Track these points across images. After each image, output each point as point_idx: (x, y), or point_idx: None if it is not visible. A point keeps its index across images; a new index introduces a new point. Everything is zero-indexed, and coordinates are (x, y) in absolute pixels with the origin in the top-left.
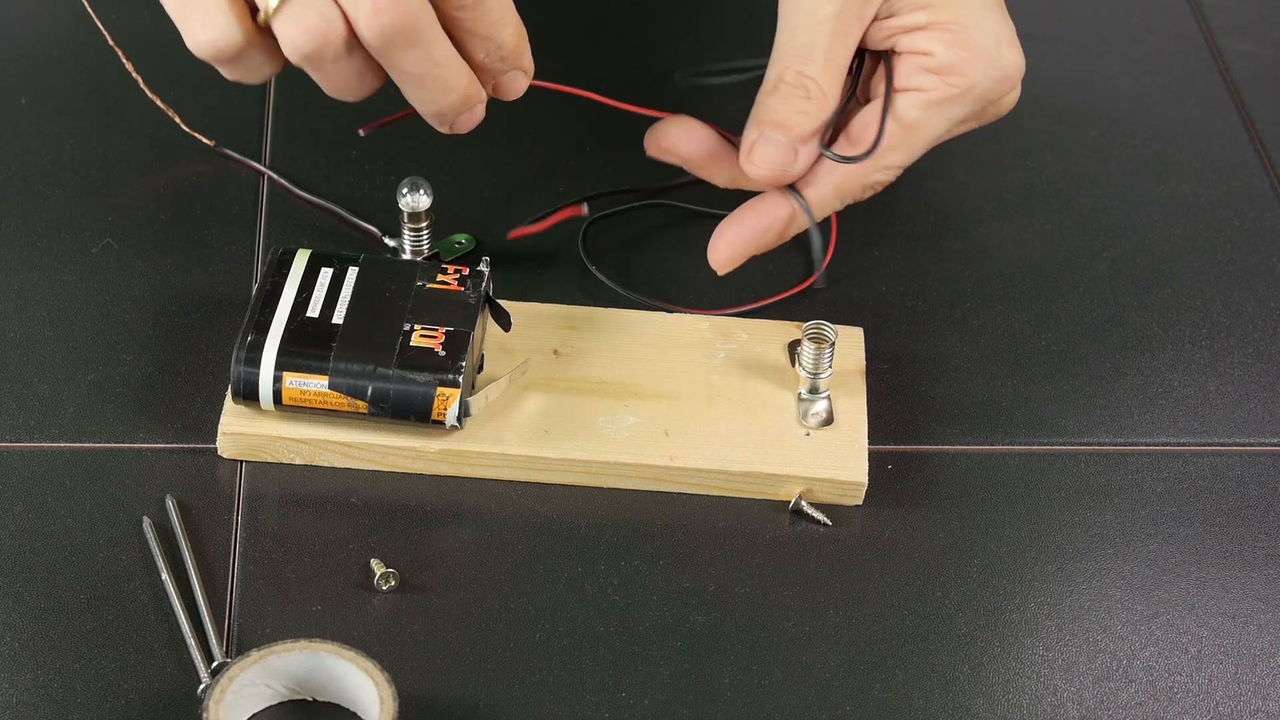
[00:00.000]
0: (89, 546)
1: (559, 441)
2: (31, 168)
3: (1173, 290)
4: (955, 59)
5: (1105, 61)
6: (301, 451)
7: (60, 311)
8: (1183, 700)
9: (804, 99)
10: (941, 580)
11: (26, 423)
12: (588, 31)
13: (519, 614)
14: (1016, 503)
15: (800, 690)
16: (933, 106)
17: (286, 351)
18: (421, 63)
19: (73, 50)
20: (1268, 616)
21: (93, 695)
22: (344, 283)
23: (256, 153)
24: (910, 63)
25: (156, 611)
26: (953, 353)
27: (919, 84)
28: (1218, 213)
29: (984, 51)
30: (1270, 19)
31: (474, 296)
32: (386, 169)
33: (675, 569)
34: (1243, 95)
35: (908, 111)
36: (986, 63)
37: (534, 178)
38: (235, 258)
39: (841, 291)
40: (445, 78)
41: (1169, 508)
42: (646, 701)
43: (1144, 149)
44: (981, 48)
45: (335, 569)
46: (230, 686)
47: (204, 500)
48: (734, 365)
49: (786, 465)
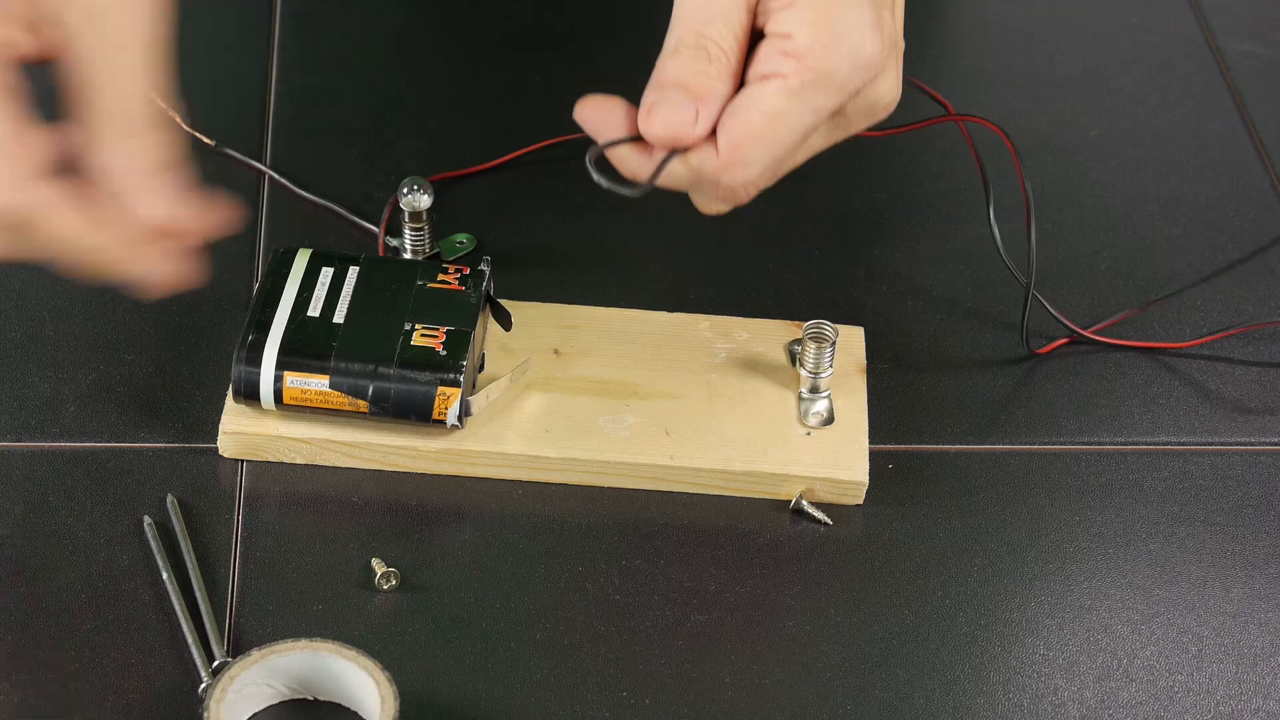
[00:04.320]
0: (89, 546)
1: (560, 441)
2: None
3: (1173, 290)
4: (813, 42)
5: (1105, 61)
6: (302, 451)
7: (60, 311)
8: (1183, 700)
9: (705, 60)
10: (941, 580)
11: (26, 423)
12: (597, 28)
13: (519, 613)
14: (1016, 503)
15: (800, 690)
16: (794, 95)
17: (287, 351)
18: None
19: None
20: (1268, 616)
21: (93, 695)
22: (345, 282)
23: (256, 153)
24: (772, 46)
25: (157, 611)
26: (953, 353)
27: (779, 69)
28: (1218, 213)
29: (843, 35)
30: (1270, 19)
31: (475, 296)
32: (386, 169)
33: (675, 569)
34: (1243, 95)
35: (768, 100)
36: (846, 47)
37: (535, 177)
38: (235, 258)
39: (842, 291)
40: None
41: (1169, 507)
42: (647, 701)
43: (1144, 149)
44: (841, 31)
45: (336, 568)
46: (231, 686)
47: (205, 500)
48: (734, 365)
49: (787, 465)
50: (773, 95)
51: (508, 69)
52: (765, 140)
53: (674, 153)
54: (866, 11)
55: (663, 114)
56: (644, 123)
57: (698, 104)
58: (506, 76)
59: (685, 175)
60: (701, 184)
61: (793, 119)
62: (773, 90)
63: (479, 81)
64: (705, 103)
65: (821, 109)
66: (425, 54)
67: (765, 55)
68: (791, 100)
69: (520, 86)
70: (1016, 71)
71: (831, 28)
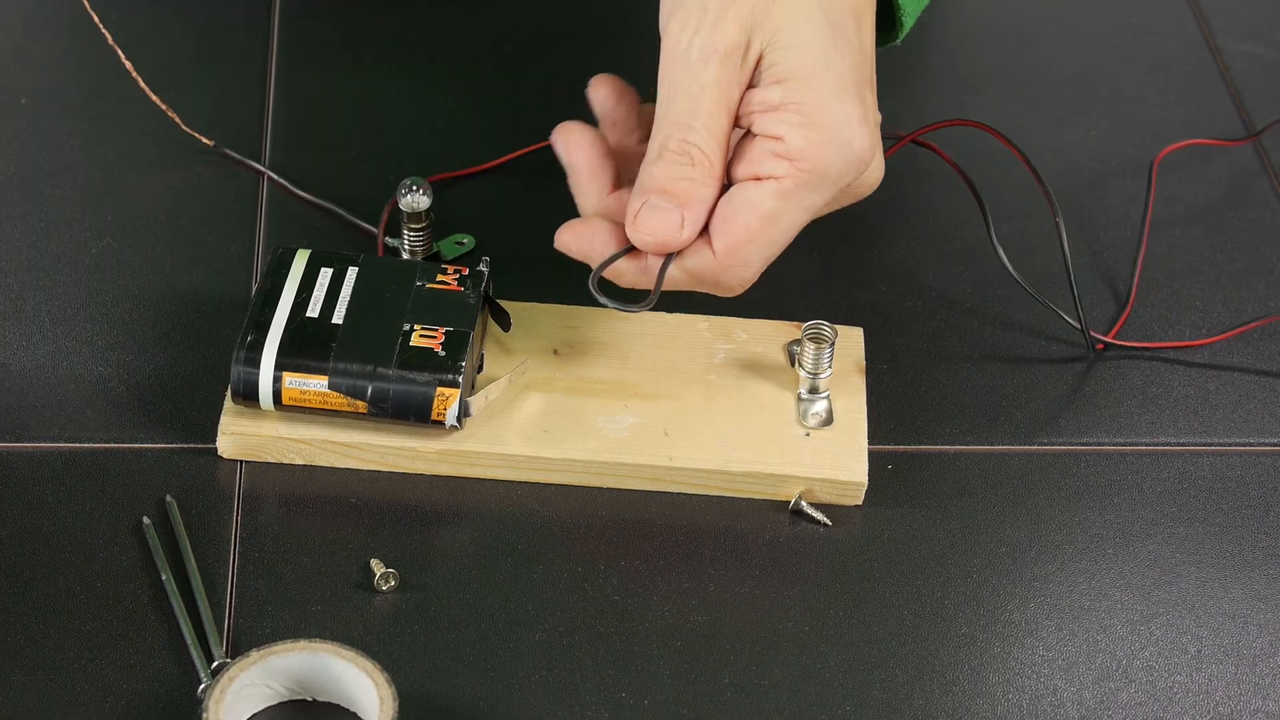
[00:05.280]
0: (89, 546)
1: (559, 441)
2: (31, 168)
3: (1173, 290)
4: (806, 144)
5: (1105, 61)
6: (301, 451)
7: (60, 311)
8: (1183, 700)
9: (689, 165)
10: (941, 580)
11: (26, 423)
12: (595, 32)
13: (519, 614)
14: (1016, 503)
15: (800, 690)
16: (788, 196)
17: (286, 351)
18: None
19: (73, 50)
20: (1268, 616)
21: (93, 695)
22: (344, 283)
23: (256, 153)
24: (763, 147)
25: (156, 611)
26: (953, 353)
27: (772, 170)
28: (1218, 213)
29: (834, 134)
30: (1270, 19)
31: (474, 296)
32: (386, 169)
33: (675, 569)
34: (1243, 95)
35: (764, 202)
36: (837, 146)
37: (535, 177)
38: (235, 258)
39: (841, 291)
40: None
41: (1169, 508)
42: (646, 701)
43: (1144, 149)
44: (831, 130)
45: (335, 569)
46: (230, 686)
47: (204, 500)
48: (733, 365)
49: (786, 465)
50: (768, 198)
51: (507, 69)
52: (761, 241)
53: (669, 258)
54: (854, 106)
55: (649, 221)
56: (631, 231)
57: (683, 210)
58: (506, 77)
59: (685, 279)
60: (701, 284)
61: (787, 219)
62: (767, 193)
63: (478, 82)
64: (690, 208)
65: (814, 206)
66: (425, 54)
67: (757, 157)
68: (785, 201)
69: (520, 87)
70: (1016, 72)
71: (823, 129)
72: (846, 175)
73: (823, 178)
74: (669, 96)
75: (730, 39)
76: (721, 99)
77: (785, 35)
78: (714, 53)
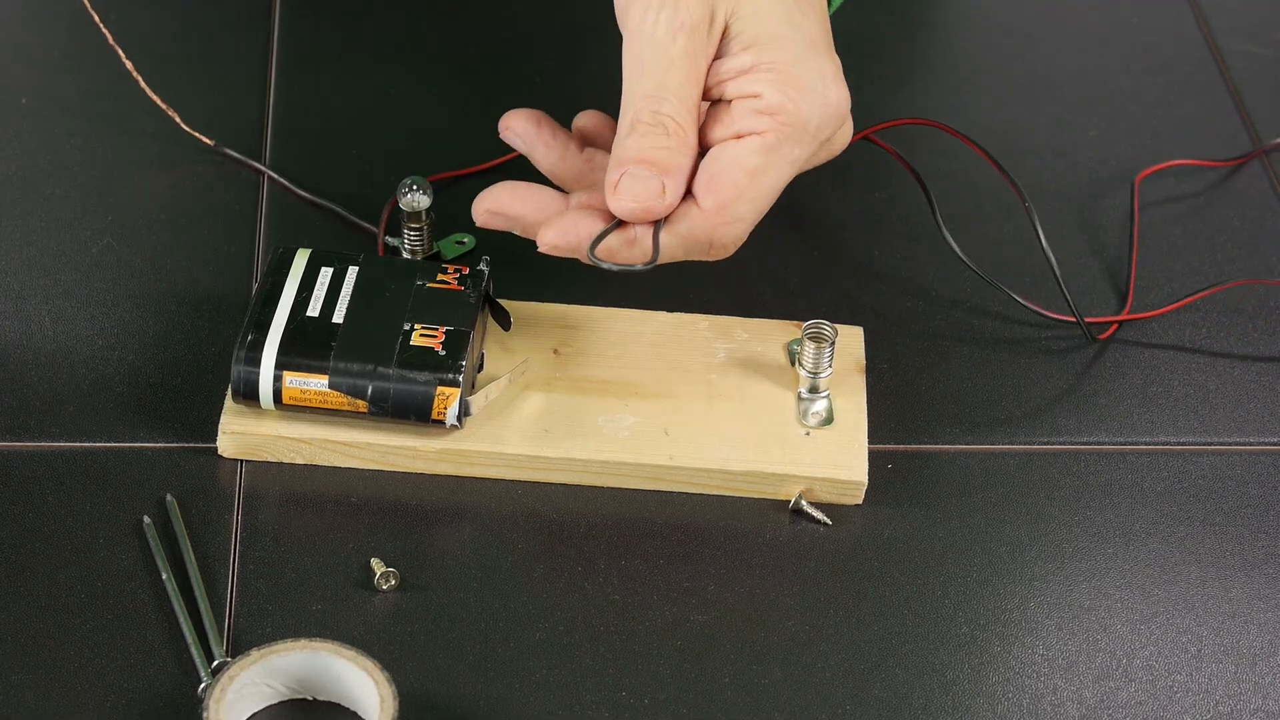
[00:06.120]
0: (89, 546)
1: (559, 441)
2: (31, 168)
3: (1173, 290)
4: (783, 98)
5: (1105, 61)
6: (302, 451)
7: (60, 311)
8: (1182, 699)
9: (663, 135)
10: (941, 580)
11: (26, 423)
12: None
13: (519, 613)
14: (1016, 503)
15: (800, 690)
16: (772, 150)
17: (286, 351)
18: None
19: (73, 50)
20: (1267, 616)
21: (93, 695)
22: (344, 282)
23: (256, 153)
24: (742, 107)
25: (156, 611)
26: (953, 353)
27: (754, 126)
28: (1218, 212)
29: (809, 88)
30: (1270, 19)
31: (474, 296)
32: (386, 169)
33: (675, 569)
34: (1243, 95)
35: (749, 158)
36: (815, 99)
37: (535, 177)
38: (235, 257)
39: (841, 291)
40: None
41: (1169, 507)
42: (646, 701)
43: (1144, 149)
44: (807, 84)
45: (335, 568)
46: (230, 686)
47: (204, 500)
48: (734, 365)
49: (787, 464)
50: (753, 153)
51: (507, 69)
52: (750, 196)
53: (659, 224)
54: (826, 62)
55: (630, 188)
56: (613, 201)
57: (663, 177)
58: (506, 76)
59: (679, 244)
60: (695, 248)
61: (774, 173)
62: (752, 148)
63: (479, 82)
64: (670, 175)
65: (798, 160)
66: (425, 54)
67: (736, 116)
68: (770, 155)
69: (520, 87)
70: (1015, 72)
71: (798, 84)
72: (826, 128)
73: (803, 130)
74: (637, 75)
75: (695, 13)
76: (691, 71)
77: (748, 4)
78: (680, 27)
